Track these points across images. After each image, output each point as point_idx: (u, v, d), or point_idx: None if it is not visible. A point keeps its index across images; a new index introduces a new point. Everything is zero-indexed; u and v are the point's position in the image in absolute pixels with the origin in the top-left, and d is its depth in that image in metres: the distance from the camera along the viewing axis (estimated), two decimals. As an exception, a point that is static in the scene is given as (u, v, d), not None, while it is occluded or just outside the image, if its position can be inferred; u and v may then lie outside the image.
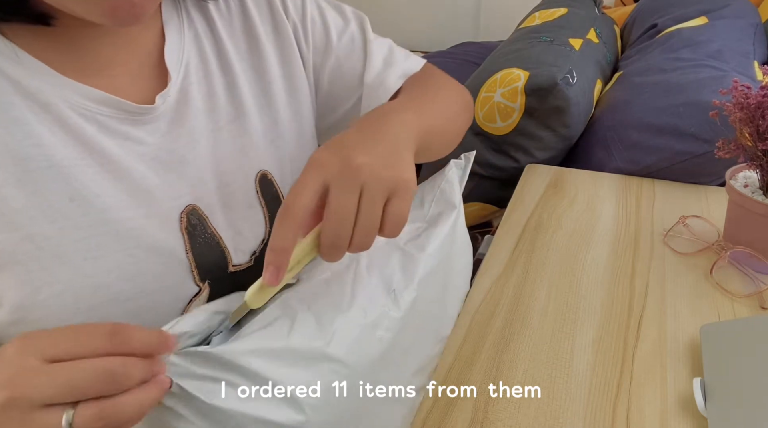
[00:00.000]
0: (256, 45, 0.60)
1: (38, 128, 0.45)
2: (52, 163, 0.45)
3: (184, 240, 0.51)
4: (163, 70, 0.54)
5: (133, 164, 0.49)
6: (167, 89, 0.52)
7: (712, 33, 1.19)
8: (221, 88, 0.57)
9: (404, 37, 2.60)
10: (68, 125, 0.46)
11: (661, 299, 0.71)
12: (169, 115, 0.52)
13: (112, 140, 0.48)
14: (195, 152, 0.54)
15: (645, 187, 0.96)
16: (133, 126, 0.50)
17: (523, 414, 0.57)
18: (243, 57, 0.60)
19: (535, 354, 0.64)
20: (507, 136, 1.07)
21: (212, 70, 0.57)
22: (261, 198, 0.58)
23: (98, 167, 0.47)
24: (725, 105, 0.72)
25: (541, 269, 0.77)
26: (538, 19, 1.37)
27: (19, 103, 0.44)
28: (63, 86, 0.46)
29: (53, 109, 0.45)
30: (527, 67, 1.07)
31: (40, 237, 0.44)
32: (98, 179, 0.47)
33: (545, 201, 0.93)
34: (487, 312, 0.70)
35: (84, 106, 0.47)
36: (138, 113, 0.50)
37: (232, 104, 0.58)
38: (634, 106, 1.03)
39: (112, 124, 0.48)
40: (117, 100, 0.49)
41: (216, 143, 0.55)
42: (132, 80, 0.51)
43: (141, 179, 0.49)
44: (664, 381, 0.60)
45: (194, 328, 0.41)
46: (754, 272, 0.73)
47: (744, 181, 0.76)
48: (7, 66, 0.44)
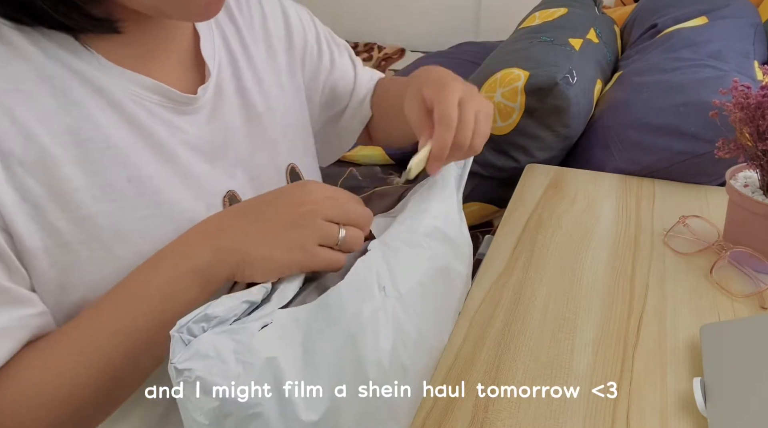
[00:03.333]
0: (274, 55, 0.65)
1: (95, 111, 0.47)
2: (109, 144, 0.47)
3: None
4: (200, 66, 0.57)
5: (180, 150, 0.52)
6: (208, 82, 0.56)
7: (712, 33, 1.19)
8: (251, 84, 0.61)
9: (404, 37, 2.60)
10: (121, 109, 0.48)
11: (661, 299, 0.71)
12: (207, 107, 0.55)
13: (160, 126, 0.51)
14: (230, 144, 0.57)
15: (645, 187, 0.96)
16: (176, 115, 0.52)
17: (523, 414, 0.57)
18: (264, 60, 0.64)
19: (535, 354, 0.64)
20: (507, 136, 1.07)
21: (241, 68, 0.60)
22: None
23: (150, 150, 0.49)
24: (725, 105, 0.72)
25: (541, 269, 0.77)
26: (538, 19, 1.37)
27: (77, 88, 0.46)
28: (114, 73, 0.48)
29: (106, 93, 0.47)
30: (527, 67, 1.07)
31: (102, 216, 0.46)
32: (151, 161, 0.49)
33: (545, 201, 0.93)
34: (487, 312, 0.70)
35: (134, 92, 0.49)
36: (183, 102, 0.53)
37: (262, 99, 0.61)
38: (634, 106, 1.03)
39: (159, 111, 0.51)
40: (165, 88, 0.51)
41: (249, 136, 0.59)
42: (174, 72, 0.54)
43: (187, 164, 0.52)
44: (664, 381, 0.60)
45: (224, 314, 0.42)
46: (754, 272, 0.73)
47: (744, 181, 0.76)
48: (64, 55, 0.46)
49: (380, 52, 2.45)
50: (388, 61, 2.38)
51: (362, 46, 2.52)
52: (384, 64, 2.36)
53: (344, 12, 2.74)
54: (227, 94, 0.58)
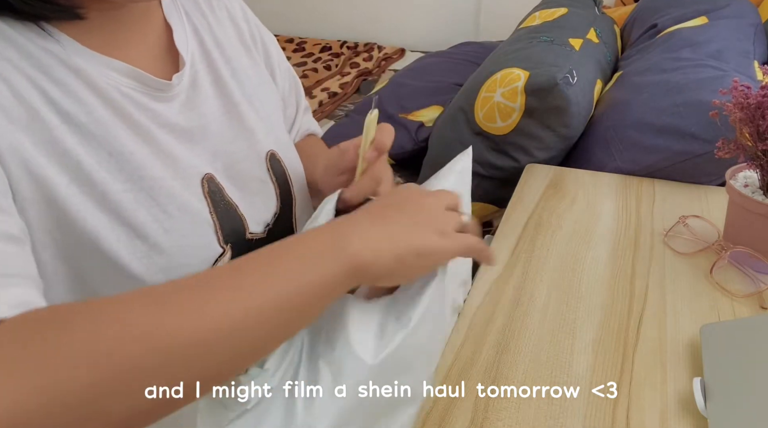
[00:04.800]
0: (245, 45, 0.66)
1: (76, 88, 0.47)
2: (91, 119, 0.47)
3: (208, 203, 0.55)
4: (173, 56, 0.57)
5: (157, 132, 0.52)
6: (182, 70, 0.56)
7: (712, 33, 1.19)
8: (227, 75, 0.61)
9: (404, 37, 2.60)
10: (99, 89, 0.49)
11: (661, 299, 0.71)
12: (183, 96, 0.56)
13: (135, 109, 0.51)
14: (207, 131, 0.57)
15: (645, 187, 0.96)
16: (152, 100, 0.53)
17: (523, 414, 0.57)
18: (237, 51, 0.64)
19: (535, 354, 0.64)
20: (507, 136, 1.07)
21: (215, 59, 0.61)
22: (272, 175, 0.62)
23: (129, 130, 0.50)
24: (725, 105, 0.72)
25: (541, 269, 0.77)
26: (538, 19, 1.37)
27: (56, 67, 0.47)
28: (87, 56, 0.49)
29: (83, 74, 0.48)
30: (527, 67, 1.07)
31: (91, 182, 0.47)
32: (131, 140, 0.50)
33: (545, 201, 0.93)
34: (487, 312, 0.70)
35: (110, 76, 0.50)
36: (158, 88, 0.53)
37: (239, 89, 0.62)
38: (634, 106, 1.03)
39: (135, 95, 0.51)
40: (139, 73, 0.52)
41: (227, 125, 0.60)
42: (147, 59, 0.55)
43: (165, 144, 0.53)
44: (664, 381, 0.60)
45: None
46: (754, 272, 0.73)
47: (744, 181, 0.76)
48: (42, 41, 0.47)
49: (380, 52, 2.44)
50: (388, 61, 2.38)
51: (362, 46, 2.52)
52: (384, 64, 2.36)
53: (344, 12, 2.74)
54: (202, 85, 0.58)
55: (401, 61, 2.40)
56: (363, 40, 2.62)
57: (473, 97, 1.12)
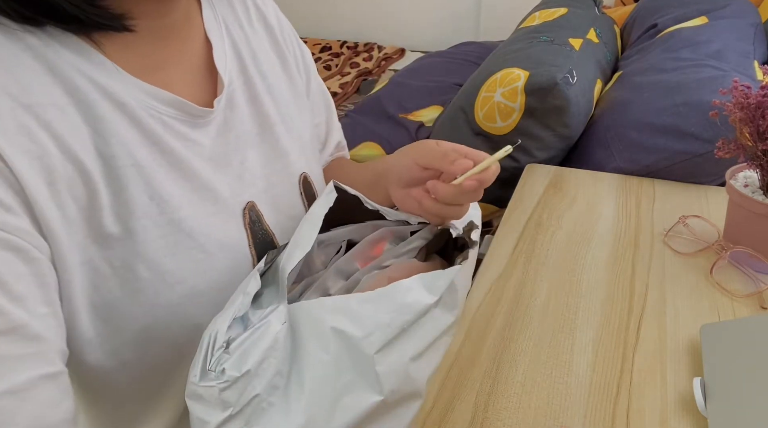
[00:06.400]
0: (282, 59, 0.63)
1: (118, 127, 0.45)
2: (133, 162, 0.46)
3: (248, 235, 0.54)
4: (212, 76, 0.55)
5: (197, 164, 0.51)
6: (222, 94, 0.54)
7: (712, 33, 1.19)
8: (263, 92, 0.59)
9: (404, 37, 2.60)
10: (141, 125, 0.47)
11: (661, 299, 0.71)
12: (220, 118, 0.54)
13: (177, 141, 0.49)
14: (243, 154, 0.55)
15: (645, 187, 0.96)
16: (191, 128, 0.51)
17: (523, 414, 0.57)
18: (275, 65, 0.62)
19: (535, 354, 0.64)
20: (507, 136, 1.07)
21: (252, 75, 0.58)
22: (304, 199, 0.60)
23: (169, 167, 0.49)
24: (725, 105, 0.72)
25: (541, 269, 0.77)
26: (538, 19, 1.37)
27: (100, 101, 0.45)
28: (129, 83, 0.47)
29: (126, 109, 0.46)
30: (527, 67, 1.07)
31: (126, 234, 0.46)
32: (170, 178, 0.48)
33: (545, 201, 0.93)
34: (487, 312, 0.70)
35: (151, 105, 0.48)
36: (198, 115, 0.51)
37: (274, 107, 0.59)
38: (634, 106, 1.03)
39: (174, 125, 0.50)
40: (181, 102, 0.50)
41: (262, 145, 0.58)
42: (188, 84, 0.53)
43: (206, 178, 0.51)
44: (664, 381, 0.60)
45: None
46: (754, 272, 0.73)
47: (744, 181, 0.76)
48: (79, 62, 0.44)
49: (380, 52, 2.45)
50: (388, 61, 2.38)
51: (362, 46, 2.52)
52: (384, 64, 2.36)
53: (344, 12, 2.75)
54: (239, 104, 0.56)
55: (401, 61, 2.40)
56: (363, 40, 2.62)
57: (473, 97, 1.12)
